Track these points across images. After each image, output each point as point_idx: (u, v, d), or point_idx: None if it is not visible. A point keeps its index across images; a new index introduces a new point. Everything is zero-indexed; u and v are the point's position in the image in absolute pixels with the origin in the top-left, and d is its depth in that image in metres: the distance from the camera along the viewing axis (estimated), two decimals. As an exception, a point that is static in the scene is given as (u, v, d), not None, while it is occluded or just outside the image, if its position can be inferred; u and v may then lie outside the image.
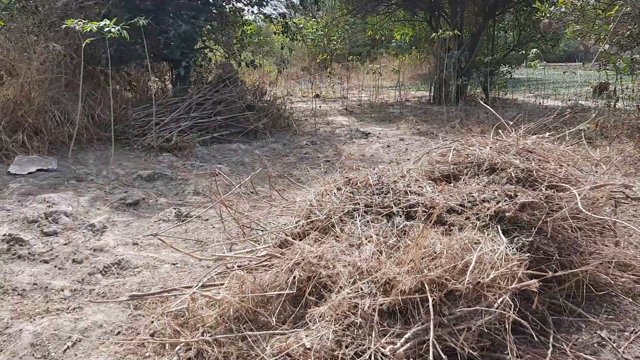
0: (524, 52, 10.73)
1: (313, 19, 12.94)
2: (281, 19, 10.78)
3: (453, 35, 10.55)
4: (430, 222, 2.70)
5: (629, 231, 3.63)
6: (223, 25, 10.68)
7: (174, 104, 8.00)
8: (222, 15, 10.38)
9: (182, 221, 4.39)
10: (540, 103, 12.91)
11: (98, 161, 6.42)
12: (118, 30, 5.50)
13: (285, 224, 3.44)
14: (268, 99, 9.44)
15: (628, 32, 7.20)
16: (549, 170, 3.45)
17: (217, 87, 8.38)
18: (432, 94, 12.83)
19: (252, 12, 11.04)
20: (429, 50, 15.43)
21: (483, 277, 2.59)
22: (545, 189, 3.25)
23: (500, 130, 4.07)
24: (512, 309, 2.51)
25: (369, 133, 8.91)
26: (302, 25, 12.74)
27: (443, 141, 5.14)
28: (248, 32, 11.87)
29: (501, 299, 2.55)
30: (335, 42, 13.11)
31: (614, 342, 2.77)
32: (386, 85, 15.84)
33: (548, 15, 7.56)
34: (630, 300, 3.18)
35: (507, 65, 13.09)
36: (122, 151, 6.98)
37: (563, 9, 7.79)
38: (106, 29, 5.45)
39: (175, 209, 4.66)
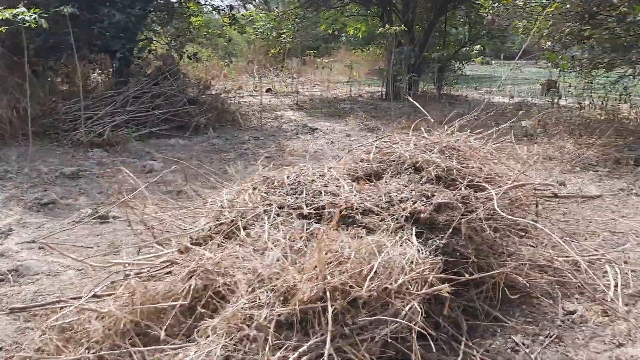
0: (471, 48, 10.76)
1: (264, 12, 12.67)
2: (228, 11, 10.50)
3: (405, 30, 10.49)
4: (334, 224, 2.54)
5: (551, 230, 3.57)
6: (170, 16, 10.34)
7: (110, 97, 7.66)
8: (168, 5, 10.04)
9: (80, 223, 4.12)
10: (489, 99, 13.03)
11: (21, 158, 6.05)
12: (34, 19, 5.14)
13: (195, 227, 3.24)
14: (213, 93, 9.17)
15: (568, 30, 7.25)
16: (471, 169, 3.36)
17: (156, 80, 8.07)
18: (384, 90, 12.76)
19: (199, 2, 10.71)
20: (386, 45, 15.38)
21: (391, 283, 2.46)
22: (465, 189, 3.16)
23: (422, 128, 3.97)
24: (420, 316, 2.40)
25: (316, 128, 8.76)
26: (251, 18, 12.49)
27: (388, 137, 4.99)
28: (196, 24, 11.53)
29: (409, 305, 2.43)
30: (286, 36, 12.90)
31: (527, 347, 2.69)
32: (342, 80, 15.72)
33: (492, 11, 7.55)
34: (550, 302, 3.12)
35: (458, 62, 13.15)
36: (50, 147, 6.62)
37: (509, 7, 7.81)
38: (20, 17, 5.10)
39: (92, 209, 4.39)
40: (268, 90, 13.22)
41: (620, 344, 2.73)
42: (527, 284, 2.89)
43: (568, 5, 6.86)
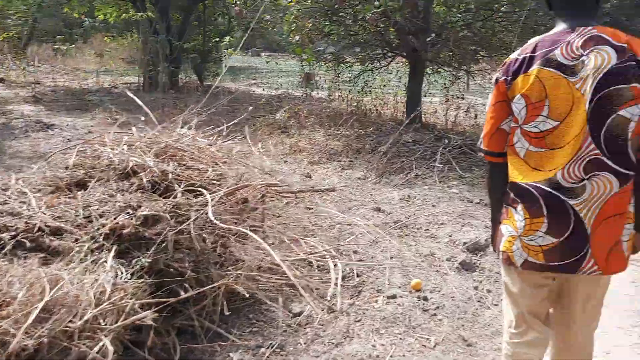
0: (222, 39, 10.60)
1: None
2: None
3: (160, 18, 9.84)
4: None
5: (283, 229, 3.50)
6: None
7: None
8: None
9: None
10: (253, 91, 13.12)
11: None
12: None
13: None
14: None
15: (311, 25, 7.50)
16: (192, 172, 3.06)
17: None
18: (142, 81, 11.90)
19: None
20: (143, 33, 14.38)
21: (74, 321, 2.02)
22: (183, 194, 2.85)
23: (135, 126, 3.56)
24: (111, 355, 2.01)
25: (53, 125, 7.67)
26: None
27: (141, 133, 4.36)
28: None
29: (99, 345, 2.02)
30: (16, 18, 11.05)
31: (246, 364, 2.51)
32: (96, 70, 14.30)
33: (238, 2, 7.43)
34: (281, 305, 2.99)
35: (219, 53, 12.93)
36: None
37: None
38: None
39: None
40: (0, 80, 11.31)
41: (338, 342, 2.71)
42: (247, 294, 2.69)
43: (309, 2, 7.07)
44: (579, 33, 1.62)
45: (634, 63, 1.56)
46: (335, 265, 3.15)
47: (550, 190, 1.64)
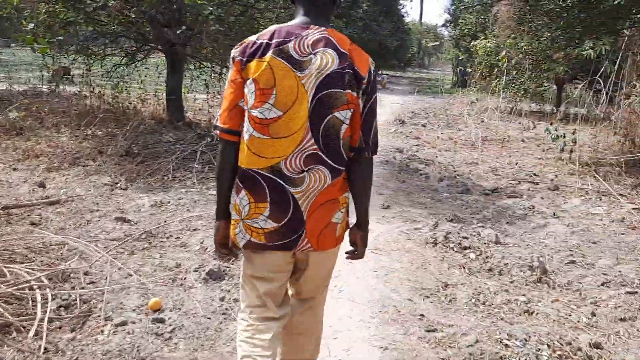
0: None
1: None
2: None
3: None
4: None
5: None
6: None
7: None
8: None
9: None
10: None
11: None
12: None
13: None
14: None
15: (45, 11, 6.51)
16: None
17: None
18: None
19: None
20: None
21: None
22: None
23: None
24: None
25: None
26: None
27: None
28: None
29: None
30: None
31: None
32: None
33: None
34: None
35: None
36: None
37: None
38: None
39: None
40: None
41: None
42: None
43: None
44: (313, 31, 1.69)
45: (351, 71, 1.67)
46: (45, 297, 2.60)
47: (275, 177, 1.71)
